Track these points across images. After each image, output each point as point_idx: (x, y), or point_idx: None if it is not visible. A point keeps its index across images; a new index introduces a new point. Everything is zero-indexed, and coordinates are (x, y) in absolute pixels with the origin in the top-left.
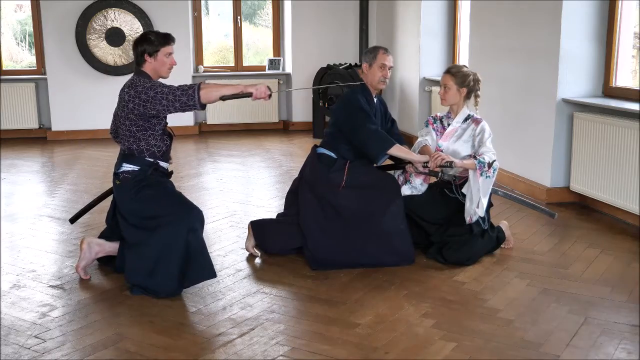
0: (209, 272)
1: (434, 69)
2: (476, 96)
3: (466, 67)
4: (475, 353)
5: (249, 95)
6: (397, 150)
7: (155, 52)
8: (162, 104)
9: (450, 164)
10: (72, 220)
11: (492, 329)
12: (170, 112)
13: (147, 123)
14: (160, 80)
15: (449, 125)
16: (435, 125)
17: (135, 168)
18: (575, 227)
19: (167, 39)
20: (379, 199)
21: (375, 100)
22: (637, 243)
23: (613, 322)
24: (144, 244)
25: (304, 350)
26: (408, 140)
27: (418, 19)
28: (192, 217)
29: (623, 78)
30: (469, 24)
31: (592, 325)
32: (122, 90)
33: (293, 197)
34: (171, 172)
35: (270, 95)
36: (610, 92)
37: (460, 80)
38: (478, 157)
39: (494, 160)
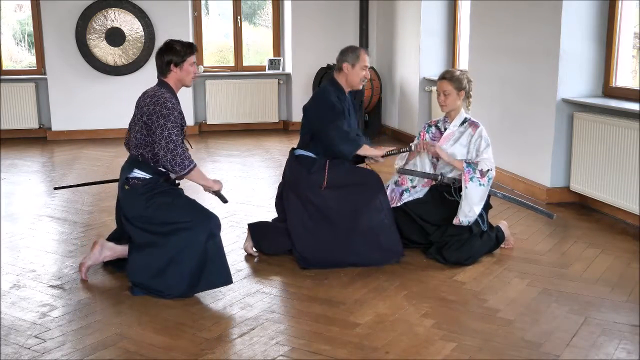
0: (226, 278)
1: (434, 69)
2: (468, 97)
3: (458, 69)
4: (475, 353)
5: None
6: (365, 150)
7: (181, 62)
8: (158, 141)
9: (437, 159)
10: (57, 188)
11: (492, 329)
12: (158, 152)
13: None
14: (183, 88)
15: (446, 129)
16: (428, 134)
17: (147, 176)
18: (575, 227)
19: (192, 48)
20: (361, 195)
21: (347, 95)
22: (637, 243)
23: (613, 322)
24: (156, 245)
25: (304, 350)
26: (408, 140)
27: (418, 19)
28: (212, 223)
29: (623, 78)
30: (469, 24)
31: (592, 325)
32: (142, 99)
33: (280, 201)
34: (178, 183)
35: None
36: (610, 92)
37: (458, 85)
38: (469, 161)
39: (489, 169)
